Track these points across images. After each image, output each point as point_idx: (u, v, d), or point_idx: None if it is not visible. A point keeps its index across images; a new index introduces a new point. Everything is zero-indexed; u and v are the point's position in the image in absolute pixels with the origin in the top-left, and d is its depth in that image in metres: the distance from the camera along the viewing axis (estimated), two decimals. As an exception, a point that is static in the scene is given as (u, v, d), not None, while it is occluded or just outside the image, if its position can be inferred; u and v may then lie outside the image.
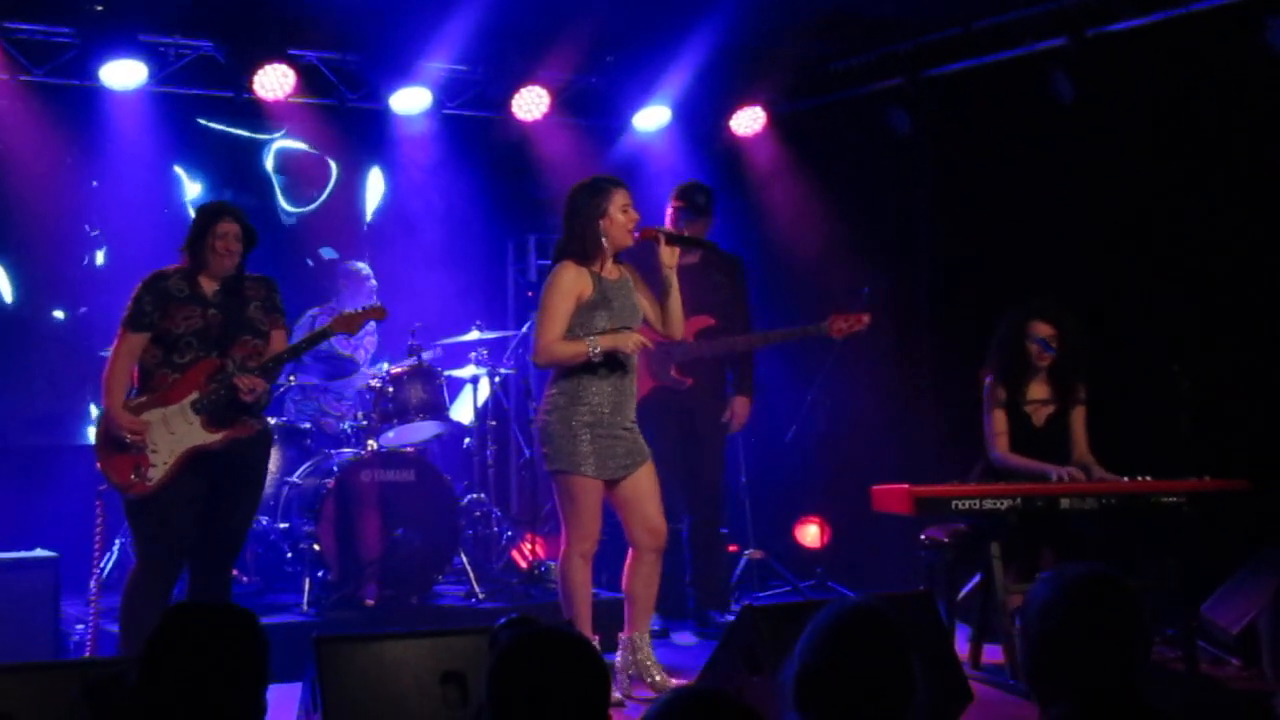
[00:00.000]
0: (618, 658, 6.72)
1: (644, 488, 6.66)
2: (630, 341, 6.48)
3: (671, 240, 6.68)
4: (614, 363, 6.52)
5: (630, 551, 6.75)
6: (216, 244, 6.50)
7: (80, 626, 7.66)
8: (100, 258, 9.78)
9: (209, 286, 6.56)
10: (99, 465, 6.55)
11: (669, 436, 7.99)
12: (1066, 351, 7.36)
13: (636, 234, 6.62)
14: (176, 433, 6.44)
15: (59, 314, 9.83)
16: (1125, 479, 7.06)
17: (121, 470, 6.45)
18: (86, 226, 9.66)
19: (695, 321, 7.89)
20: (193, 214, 6.86)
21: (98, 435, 6.58)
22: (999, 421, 7.42)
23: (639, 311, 6.69)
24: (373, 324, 8.36)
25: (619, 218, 6.57)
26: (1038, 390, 7.45)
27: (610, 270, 6.63)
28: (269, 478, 8.40)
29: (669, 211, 8.31)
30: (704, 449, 8.27)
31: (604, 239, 6.57)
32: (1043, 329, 7.34)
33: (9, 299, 9.66)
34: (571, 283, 6.53)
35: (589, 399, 6.51)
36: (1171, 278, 8.46)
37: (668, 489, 7.09)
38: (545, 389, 6.71)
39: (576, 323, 6.53)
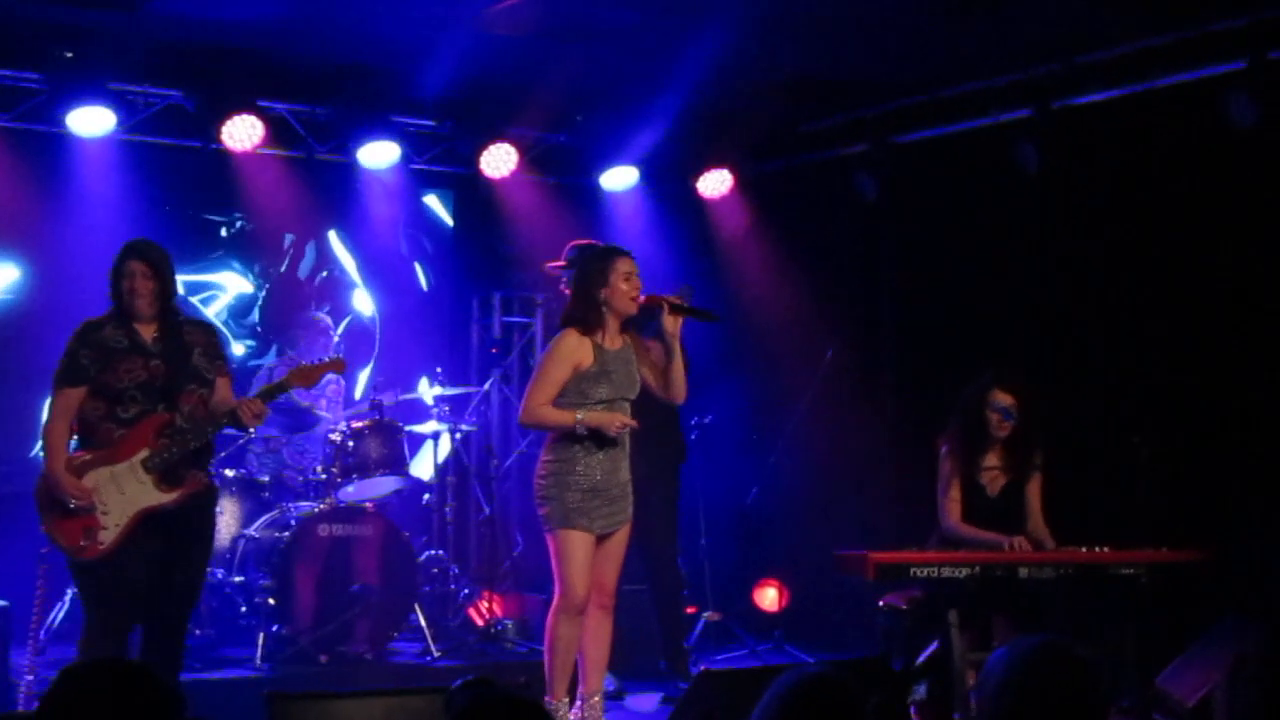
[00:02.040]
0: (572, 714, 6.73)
1: (612, 549, 6.75)
2: (615, 424, 6.53)
3: (675, 310, 6.72)
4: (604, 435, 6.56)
5: None
6: (124, 284, 6.27)
7: (29, 677, 7.57)
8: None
9: (147, 333, 6.32)
10: (43, 528, 6.28)
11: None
12: (1025, 421, 7.38)
13: (640, 301, 6.66)
14: (127, 492, 6.19)
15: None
16: (1083, 549, 7.07)
17: (70, 533, 6.19)
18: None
19: None
20: None
21: (39, 494, 6.27)
22: (953, 490, 7.42)
23: (637, 383, 6.74)
24: (334, 374, 8.32)
25: (621, 286, 6.62)
26: (993, 460, 7.46)
27: (612, 339, 6.67)
28: (226, 530, 8.38)
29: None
30: (653, 499, 8.17)
31: (605, 307, 6.61)
32: (1004, 398, 7.36)
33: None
34: (571, 351, 6.58)
35: (581, 466, 6.58)
36: (1133, 348, 8.51)
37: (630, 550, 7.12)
38: (541, 454, 6.74)
39: (575, 390, 6.57)
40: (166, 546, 6.29)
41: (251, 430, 8.53)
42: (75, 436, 6.33)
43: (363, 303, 10.90)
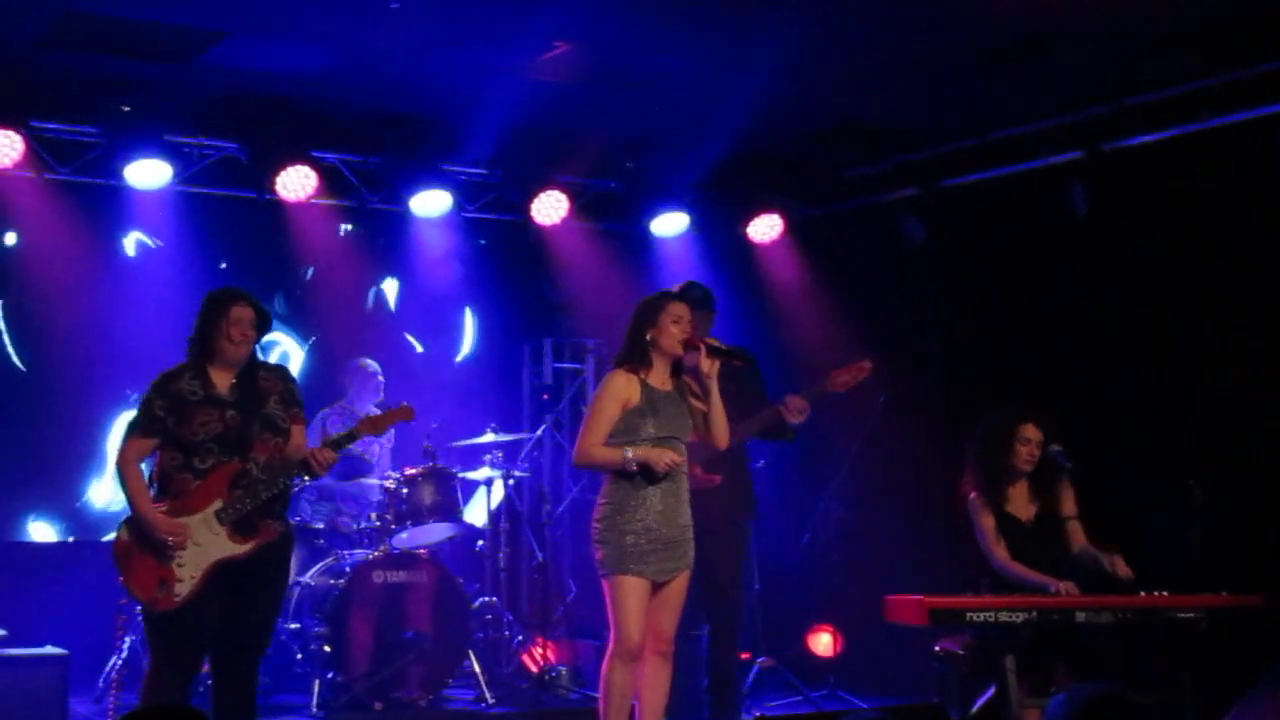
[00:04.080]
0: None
1: (671, 597, 6.70)
2: (663, 460, 6.53)
3: (712, 352, 6.74)
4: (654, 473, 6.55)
5: None
6: (232, 331, 6.28)
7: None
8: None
9: (222, 382, 6.32)
10: (121, 578, 6.27)
11: (697, 544, 7.87)
12: (1064, 454, 7.33)
13: (683, 342, 6.69)
14: (202, 543, 6.20)
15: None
16: (1141, 594, 6.99)
17: (145, 584, 6.19)
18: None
19: None
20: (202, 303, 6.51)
21: (120, 544, 6.25)
22: (992, 530, 7.35)
23: (688, 423, 6.74)
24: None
25: (670, 328, 6.67)
26: (1019, 493, 7.39)
27: (662, 380, 6.70)
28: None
29: None
30: (726, 555, 8.12)
31: (652, 347, 6.67)
32: (1032, 432, 7.30)
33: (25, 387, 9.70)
34: (619, 389, 6.61)
35: (637, 508, 6.56)
36: (1187, 391, 8.44)
37: (690, 594, 7.06)
38: (598, 497, 6.73)
39: (624, 428, 6.59)
40: (239, 594, 6.28)
41: (306, 479, 8.58)
42: (153, 486, 6.33)
43: (413, 350, 10.93)
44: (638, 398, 6.60)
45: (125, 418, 8.69)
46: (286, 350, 10.59)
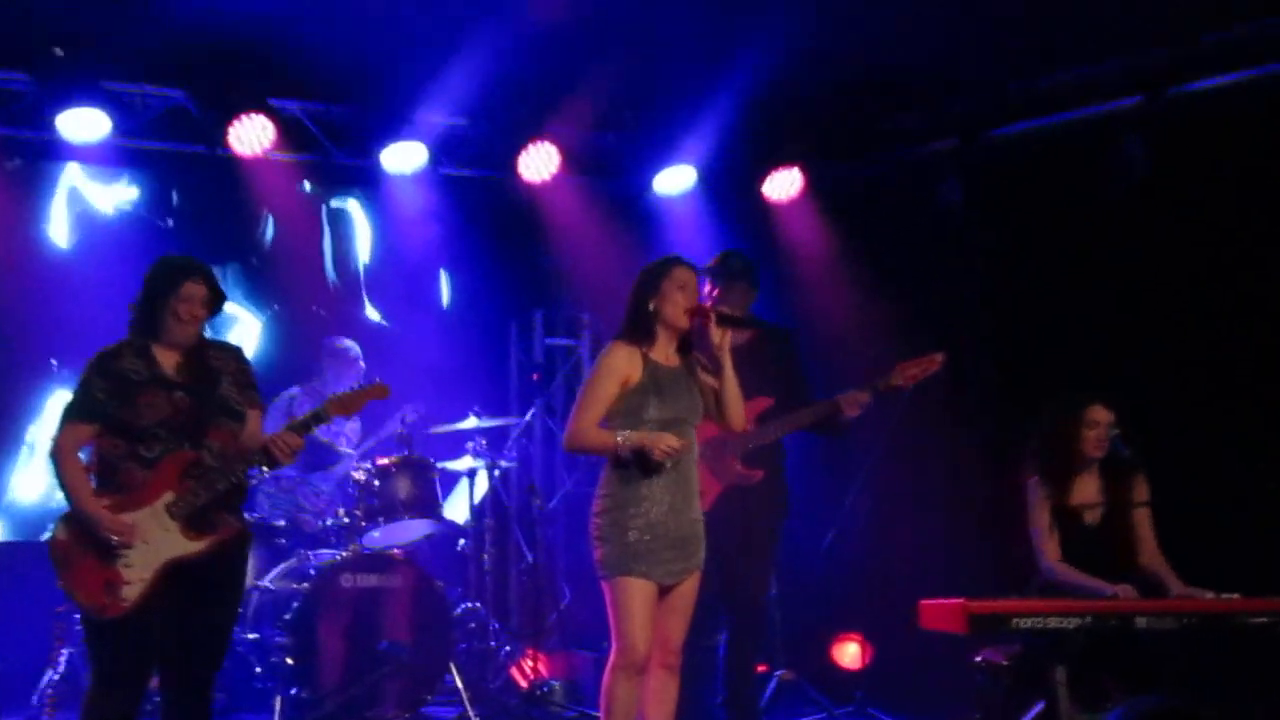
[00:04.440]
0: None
1: (681, 601, 6.65)
2: (660, 446, 6.45)
3: (722, 321, 6.68)
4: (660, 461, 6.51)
5: None
6: (180, 309, 6.21)
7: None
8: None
9: (169, 361, 6.26)
10: (60, 582, 6.15)
11: (721, 542, 7.86)
12: (1125, 440, 7.29)
13: (690, 312, 6.63)
14: (152, 541, 6.11)
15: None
16: (1209, 596, 6.95)
17: (90, 588, 6.10)
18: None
19: (752, 405, 7.78)
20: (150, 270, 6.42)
21: (59, 544, 6.13)
22: (1048, 526, 7.33)
23: (698, 405, 6.69)
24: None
25: (674, 297, 6.59)
26: (1087, 486, 7.38)
27: (667, 355, 6.64)
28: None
29: (706, 287, 8.27)
30: (753, 555, 8.13)
31: (656, 318, 6.60)
32: (1102, 416, 7.27)
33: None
34: (618, 365, 6.54)
35: (640, 502, 6.50)
36: (1260, 372, 8.39)
37: (708, 599, 7.04)
38: (597, 489, 6.68)
39: (624, 409, 6.53)
40: (192, 600, 6.22)
41: (265, 470, 8.52)
42: (93, 477, 6.25)
43: (385, 324, 10.92)
44: (639, 375, 6.53)
45: (57, 398, 8.68)
46: (242, 322, 10.56)
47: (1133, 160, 8.78)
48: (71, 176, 10.03)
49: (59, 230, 10.03)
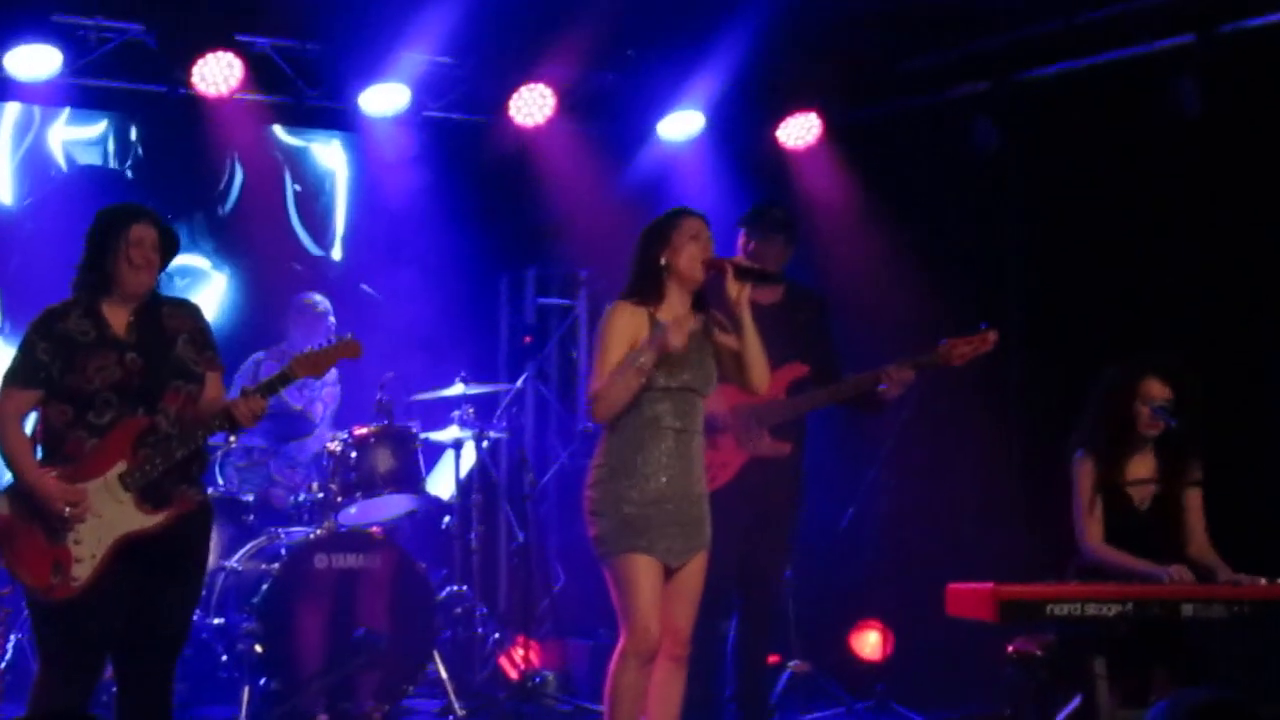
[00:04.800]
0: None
1: (687, 585, 6.69)
2: (672, 336, 6.42)
3: (740, 273, 6.69)
4: (667, 422, 6.56)
5: None
6: (132, 253, 6.21)
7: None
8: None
9: (118, 320, 6.28)
10: (3, 561, 6.21)
11: (738, 519, 7.90)
12: (1184, 419, 7.33)
13: (706, 264, 6.65)
14: (104, 515, 6.11)
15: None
16: (1263, 581, 7.03)
17: (36, 567, 6.11)
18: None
19: (785, 372, 7.81)
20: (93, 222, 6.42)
21: (0, 521, 6.17)
22: (1093, 505, 7.38)
23: (710, 373, 6.71)
24: (333, 373, 8.32)
25: (688, 247, 6.61)
26: (1141, 466, 7.41)
27: (675, 315, 6.61)
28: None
29: (739, 240, 8.27)
30: (770, 531, 8.16)
31: (666, 273, 6.63)
32: (1159, 389, 7.32)
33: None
34: (624, 324, 6.57)
35: (640, 470, 6.54)
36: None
37: (720, 579, 7.10)
38: (592, 460, 6.74)
39: None
40: (150, 579, 6.25)
41: (233, 439, 8.56)
42: (38, 448, 6.27)
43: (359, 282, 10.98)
44: (645, 336, 6.55)
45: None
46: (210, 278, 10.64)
47: (1184, 101, 8.78)
48: (14, 119, 10.11)
49: (1, 180, 10.12)
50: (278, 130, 10.86)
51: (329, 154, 11.11)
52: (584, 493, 6.72)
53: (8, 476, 6.37)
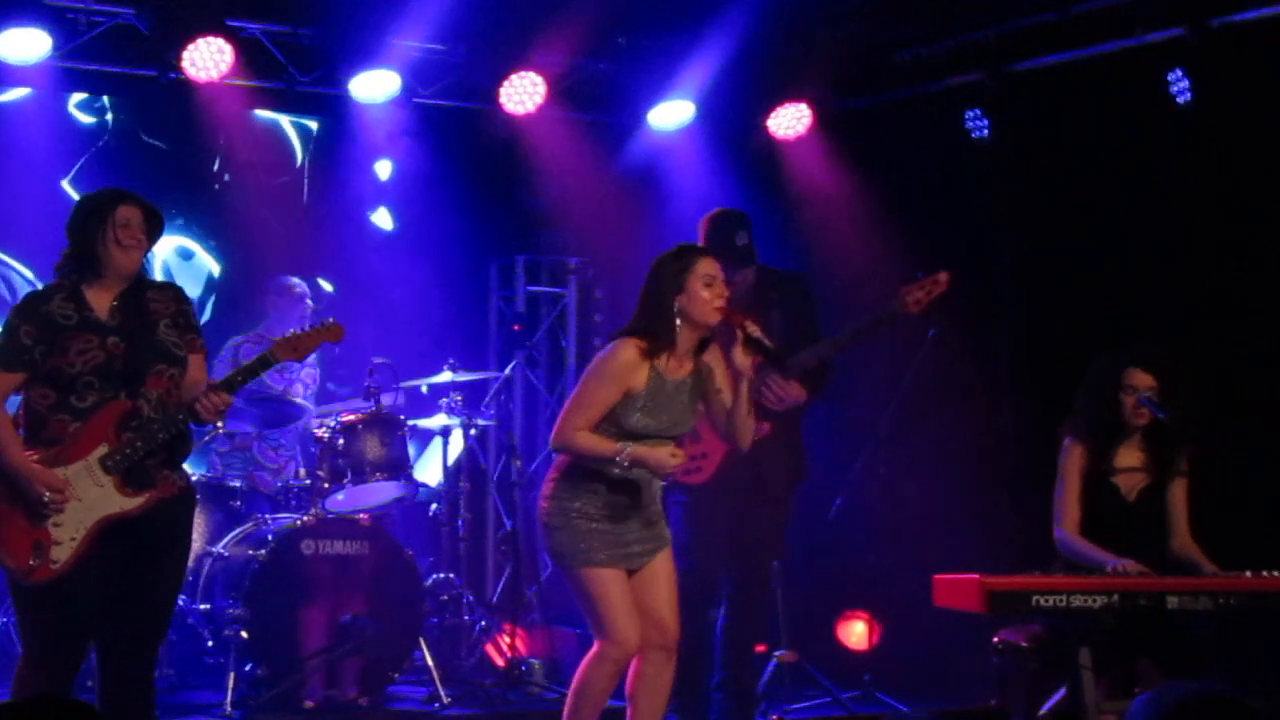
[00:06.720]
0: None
1: (658, 576, 6.68)
2: (669, 464, 6.50)
3: (751, 343, 6.59)
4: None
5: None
6: (120, 234, 6.21)
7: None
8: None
9: (101, 304, 6.27)
10: None
11: (725, 509, 7.88)
12: (1170, 410, 7.32)
13: (723, 310, 6.60)
14: (85, 498, 6.12)
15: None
16: (1247, 574, 7.02)
17: (17, 549, 6.11)
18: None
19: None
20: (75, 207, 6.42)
21: None
22: (1074, 491, 7.37)
23: (689, 419, 6.71)
24: (311, 355, 8.27)
25: (702, 294, 6.55)
26: (1129, 456, 7.40)
27: (679, 364, 6.61)
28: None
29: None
30: (762, 520, 8.13)
31: (680, 319, 6.58)
32: (1142, 379, 7.32)
33: None
34: (625, 371, 6.52)
35: (597, 487, 6.55)
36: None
37: (709, 568, 7.07)
38: (549, 470, 6.73)
39: (608, 413, 6.53)
40: (131, 563, 6.24)
41: (220, 425, 8.55)
42: (21, 431, 6.25)
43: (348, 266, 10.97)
44: (642, 387, 6.52)
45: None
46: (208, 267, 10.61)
47: (1176, 93, 8.78)
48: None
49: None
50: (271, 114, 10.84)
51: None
52: (538, 504, 6.70)
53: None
